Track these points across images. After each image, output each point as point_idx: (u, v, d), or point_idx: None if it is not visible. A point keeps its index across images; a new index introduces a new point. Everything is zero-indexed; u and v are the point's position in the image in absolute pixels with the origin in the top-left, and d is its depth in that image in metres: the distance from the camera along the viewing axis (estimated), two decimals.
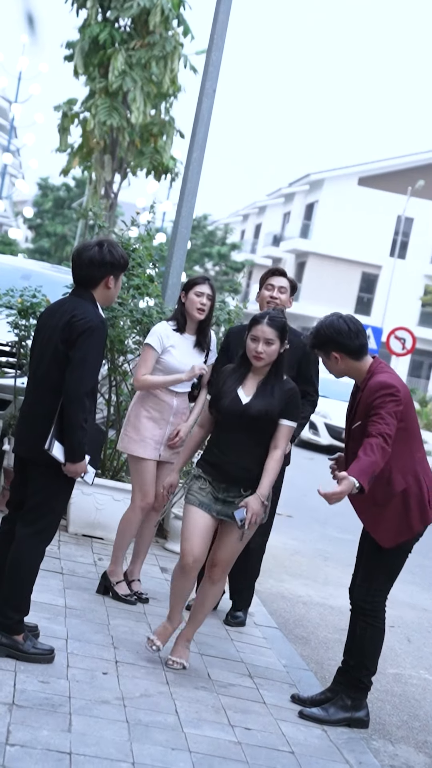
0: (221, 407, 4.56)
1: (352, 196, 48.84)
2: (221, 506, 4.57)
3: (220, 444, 4.59)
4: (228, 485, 4.56)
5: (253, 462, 4.54)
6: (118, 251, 4.38)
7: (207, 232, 52.93)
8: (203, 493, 4.57)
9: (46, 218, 52.14)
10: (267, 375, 4.59)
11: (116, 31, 20.49)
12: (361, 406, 4.47)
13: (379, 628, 4.65)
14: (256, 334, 4.53)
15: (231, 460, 4.53)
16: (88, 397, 4.22)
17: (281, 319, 4.55)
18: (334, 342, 4.47)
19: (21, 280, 8.23)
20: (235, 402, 4.54)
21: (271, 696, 4.67)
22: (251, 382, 4.60)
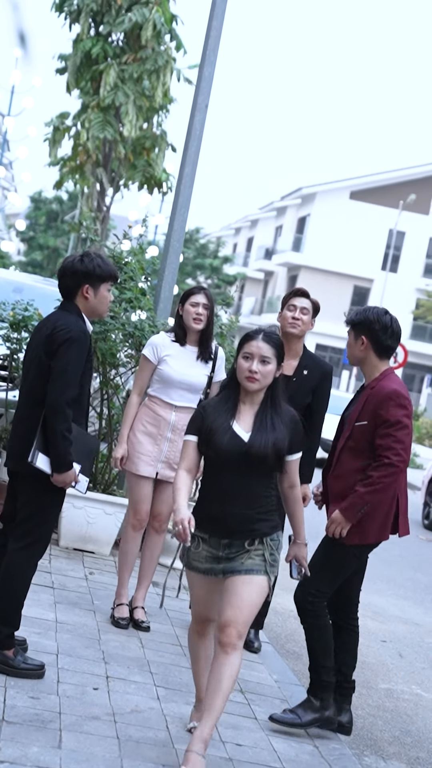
0: (218, 447, 3.83)
1: (344, 209, 49.01)
2: (225, 564, 3.87)
3: (217, 491, 3.86)
4: (231, 540, 3.86)
5: (256, 509, 3.87)
6: (96, 261, 4.36)
7: (199, 245, 53.01)
8: (201, 558, 3.89)
9: (39, 231, 52.17)
10: (263, 404, 3.91)
11: (109, 45, 20.55)
12: (369, 406, 4.52)
13: (324, 627, 4.63)
14: (249, 351, 3.87)
15: (232, 509, 3.83)
16: (70, 406, 4.22)
17: (277, 336, 3.97)
18: (372, 330, 4.57)
19: (13, 294, 8.22)
20: (235, 440, 3.83)
21: (262, 711, 4.65)
22: (245, 413, 3.90)
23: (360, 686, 5.76)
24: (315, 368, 5.43)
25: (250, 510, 3.85)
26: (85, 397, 4.41)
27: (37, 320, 6.80)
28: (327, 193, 49.59)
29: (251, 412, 3.91)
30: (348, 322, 4.65)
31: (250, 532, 3.85)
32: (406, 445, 4.47)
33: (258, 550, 3.85)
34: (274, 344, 3.91)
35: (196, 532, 3.87)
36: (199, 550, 3.89)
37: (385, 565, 10.20)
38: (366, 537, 4.58)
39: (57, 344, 4.24)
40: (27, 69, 18.68)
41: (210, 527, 3.87)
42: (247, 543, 3.86)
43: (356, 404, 4.65)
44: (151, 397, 5.44)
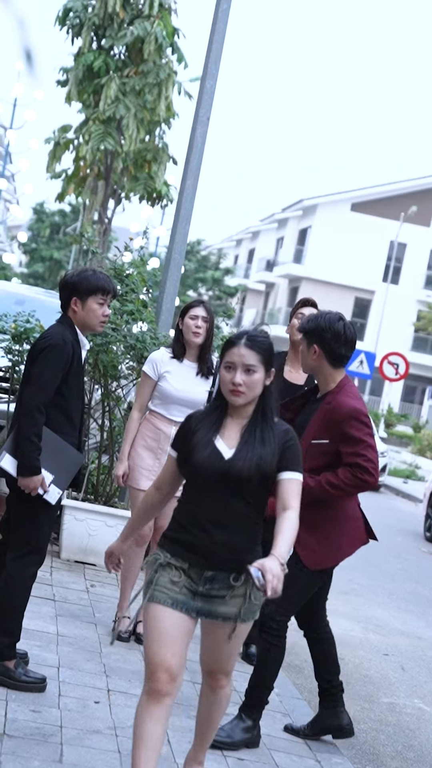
0: (195, 465, 3.30)
1: (345, 221, 49.09)
2: (203, 603, 3.31)
3: (196, 516, 3.31)
4: (214, 573, 3.30)
5: (244, 537, 3.33)
6: (84, 275, 4.41)
7: (200, 257, 53.11)
8: (176, 588, 3.30)
9: (41, 243, 52.29)
10: (252, 418, 3.36)
11: (110, 59, 20.64)
12: (330, 423, 4.32)
13: (282, 648, 4.51)
14: (231, 359, 3.32)
15: (215, 537, 3.28)
16: (41, 412, 4.26)
17: (265, 340, 3.37)
18: (322, 338, 4.36)
19: (15, 306, 8.24)
20: (214, 457, 3.29)
21: (263, 725, 4.62)
22: (232, 428, 3.36)
23: (362, 700, 5.74)
24: None
25: (235, 537, 3.30)
26: (73, 409, 4.41)
27: (39, 332, 6.81)
28: (328, 204, 49.68)
29: (239, 426, 3.37)
30: (300, 329, 4.47)
31: (236, 563, 3.29)
32: (375, 464, 4.32)
33: (242, 587, 3.33)
34: (259, 349, 3.32)
35: (173, 561, 3.31)
36: (178, 580, 3.30)
37: (387, 578, 10.17)
38: (336, 557, 4.48)
39: (37, 352, 4.36)
40: (32, 85, 18.78)
41: (189, 556, 3.30)
42: (233, 577, 3.31)
43: (313, 418, 4.39)
44: (152, 411, 5.46)
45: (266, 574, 3.13)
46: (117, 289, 4.51)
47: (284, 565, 3.20)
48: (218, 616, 3.34)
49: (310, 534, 4.32)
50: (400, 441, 34.27)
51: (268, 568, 3.12)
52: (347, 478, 4.29)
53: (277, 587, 3.12)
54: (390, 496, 20.03)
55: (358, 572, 9.91)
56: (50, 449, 4.31)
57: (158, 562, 3.32)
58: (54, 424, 4.34)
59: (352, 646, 6.95)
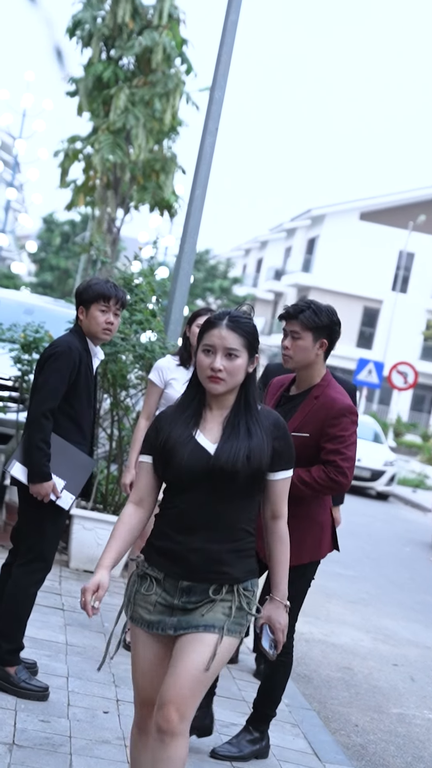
0: (178, 464, 2.93)
1: (353, 230, 49.11)
2: (180, 616, 2.93)
3: (177, 519, 2.95)
4: (192, 584, 2.94)
5: (228, 544, 2.94)
6: (88, 283, 4.48)
7: (209, 266, 53.17)
8: (150, 603, 2.96)
9: (50, 252, 52.45)
10: (234, 408, 2.99)
11: (120, 69, 20.73)
12: (316, 418, 4.10)
13: (291, 662, 4.38)
14: (210, 342, 2.94)
15: (195, 543, 2.92)
16: (48, 418, 4.30)
17: (248, 321, 2.99)
18: (332, 332, 4.13)
19: (24, 315, 8.27)
20: (197, 453, 2.93)
21: (273, 736, 4.61)
22: (213, 421, 2.99)
23: (372, 711, 5.73)
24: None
25: (218, 545, 2.92)
26: (83, 418, 4.43)
27: (48, 342, 6.83)
28: (336, 214, 49.71)
29: (220, 418, 2.99)
30: (310, 323, 4.09)
31: (217, 575, 2.92)
32: (353, 464, 4.13)
33: (225, 601, 2.93)
34: (243, 331, 2.94)
35: (148, 571, 2.99)
36: (150, 594, 2.96)
37: (396, 588, 10.15)
38: (300, 556, 4.13)
39: (44, 360, 4.41)
40: (61, 83, 19.02)
41: (166, 564, 2.95)
42: (212, 590, 2.93)
43: (297, 411, 4.15)
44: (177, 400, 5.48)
45: (276, 632, 3.06)
46: (124, 296, 4.50)
47: (287, 605, 3.08)
48: (198, 625, 2.90)
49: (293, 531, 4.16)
50: (408, 450, 34.22)
51: (277, 625, 3.07)
52: (320, 477, 4.09)
53: (284, 637, 3.08)
54: (399, 506, 19.99)
55: (367, 582, 9.89)
56: (60, 455, 4.33)
57: (136, 572, 3.03)
58: (63, 432, 4.36)
59: (362, 656, 6.93)
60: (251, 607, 2.97)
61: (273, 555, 3.07)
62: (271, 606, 3.08)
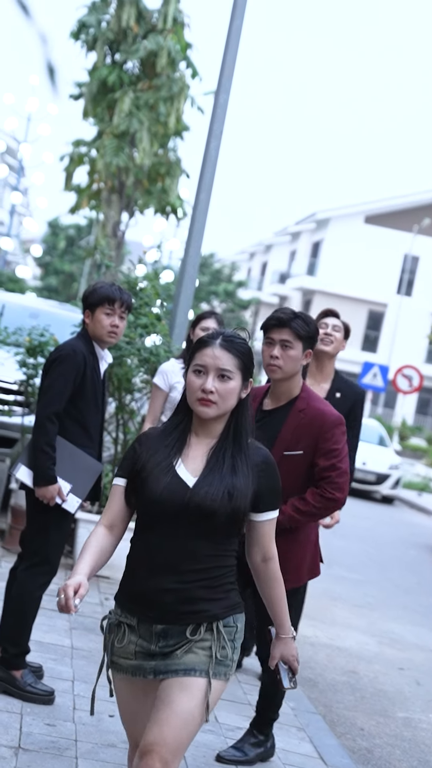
0: (150, 495, 2.70)
1: (358, 234, 49.12)
2: (157, 661, 2.72)
3: (147, 557, 2.72)
4: (166, 627, 2.71)
5: (202, 582, 2.71)
6: (93, 287, 4.50)
7: (214, 270, 53.20)
8: (128, 655, 2.74)
9: (55, 256, 52.54)
10: (221, 437, 2.77)
11: (124, 73, 20.77)
12: (306, 432, 3.92)
13: None
14: (202, 362, 2.73)
15: (166, 584, 2.69)
16: (53, 422, 4.32)
17: (243, 343, 2.79)
18: (315, 343, 3.98)
19: (29, 319, 8.28)
20: (175, 486, 2.70)
21: (279, 740, 4.61)
22: (196, 450, 2.76)
23: (378, 715, 5.72)
24: (348, 391, 5.37)
25: (192, 584, 2.69)
26: (90, 421, 4.44)
27: (53, 345, 6.84)
28: (341, 217, 49.72)
29: (205, 447, 2.77)
30: (302, 334, 3.92)
31: (193, 614, 2.70)
32: (348, 476, 4.01)
33: (205, 641, 2.71)
34: (237, 352, 2.75)
35: (122, 618, 2.77)
36: (124, 645, 2.75)
37: (401, 591, 10.13)
38: (300, 579, 4.18)
39: (48, 363, 4.43)
40: (52, 100, 19.05)
41: (137, 609, 2.73)
42: (189, 631, 2.70)
43: (284, 428, 3.94)
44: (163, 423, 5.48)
45: (292, 665, 3.03)
46: (129, 299, 4.50)
47: (295, 635, 3.04)
48: (178, 669, 2.69)
49: (288, 553, 3.94)
50: (414, 454, 34.19)
51: (292, 660, 3.03)
52: (317, 501, 3.95)
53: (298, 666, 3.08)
54: (404, 510, 19.97)
55: (373, 586, 9.88)
56: (67, 458, 4.34)
57: (109, 622, 2.79)
58: (70, 435, 4.37)
59: (367, 660, 6.92)
60: (236, 643, 2.74)
61: (270, 597, 2.90)
62: (280, 644, 3.01)
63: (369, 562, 11.30)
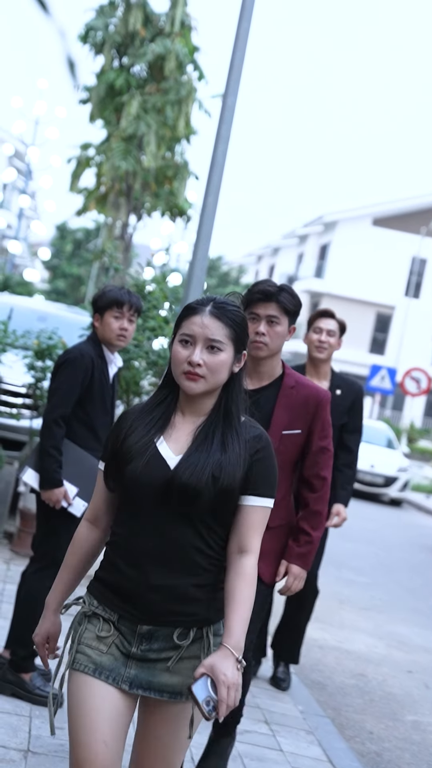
0: (129, 477, 2.41)
1: (366, 236, 49.09)
2: (138, 669, 2.40)
3: (130, 549, 2.42)
4: (152, 628, 2.41)
5: (194, 577, 2.41)
6: (102, 291, 4.51)
7: (221, 272, 53.28)
8: (101, 647, 2.42)
9: (63, 258, 52.64)
10: (211, 415, 2.47)
11: (132, 77, 20.81)
12: (303, 409, 3.67)
13: (233, 737, 3.94)
14: (190, 331, 2.42)
15: (153, 579, 2.39)
16: (60, 425, 4.33)
17: (236, 310, 2.47)
18: (297, 316, 3.66)
19: (37, 322, 8.29)
20: (155, 465, 2.40)
21: (287, 743, 4.60)
22: (182, 429, 2.47)
23: (386, 718, 5.71)
24: (347, 388, 5.38)
25: (181, 579, 2.39)
26: (98, 425, 4.45)
27: (61, 348, 6.86)
28: (349, 220, 49.70)
29: (192, 426, 2.47)
30: (289, 309, 3.63)
31: (182, 616, 2.40)
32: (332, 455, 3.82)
33: (193, 653, 2.41)
34: (229, 320, 2.44)
35: (100, 611, 2.44)
36: (107, 635, 2.42)
37: (409, 594, 10.11)
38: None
39: (56, 367, 4.45)
40: (73, 91, 19.19)
41: (119, 604, 2.42)
42: (177, 635, 2.40)
43: (277, 407, 3.66)
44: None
45: (219, 688, 2.23)
46: (138, 302, 4.50)
47: (242, 661, 2.30)
48: (163, 690, 2.39)
49: (281, 547, 3.76)
50: (422, 456, 34.13)
51: (221, 678, 2.24)
52: (320, 505, 3.73)
53: (234, 703, 2.24)
54: (412, 512, 19.93)
55: (380, 588, 9.86)
56: (74, 462, 4.35)
57: (82, 610, 2.48)
58: (78, 438, 4.38)
59: (376, 663, 6.91)
60: (242, 661, 2.34)
61: (231, 593, 2.36)
62: (218, 655, 2.28)
63: (377, 564, 11.28)
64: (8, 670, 4.31)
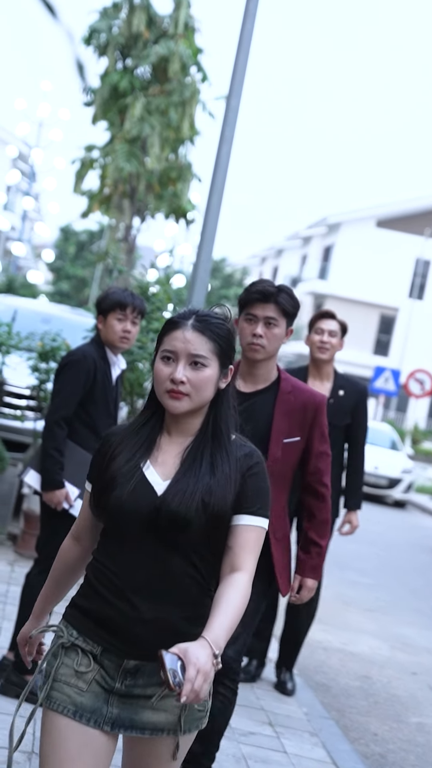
0: (115, 504, 2.27)
1: (369, 238, 49.10)
2: (121, 708, 2.26)
3: (117, 579, 2.26)
4: (139, 663, 2.25)
5: (186, 610, 2.26)
6: (105, 293, 4.53)
7: (225, 274, 53.29)
8: (81, 684, 2.25)
9: (66, 260, 52.69)
10: (199, 435, 2.33)
11: (135, 78, 20.84)
12: (300, 416, 3.53)
13: (235, 698, 3.62)
14: (172, 347, 2.30)
15: (143, 612, 2.23)
16: (60, 426, 4.34)
17: (221, 323, 2.35)
18: (294, 318, 3.55)
19: (41, 324, 8.30)
20: (142, 492, 2.26)
21: (292, 745, 4.60)
22: (169, 450, 2.33)
23: (391, 720, 5.70)
24: (350, 388, 5.37)
25: (172, 613, 2.24)
26: (101, 427, 4.46)
27: (65, 350, 6.86)
28: (353, 221, 49.71)
29: (179, 447, 2.33)
30: (288, 311, 3.50)
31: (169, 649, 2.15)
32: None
33: None
34: (213, 334, 2.31)
35: (79, 642, 2.28)
36: (86, 671, 2.25)
37: (414, 596, 10.11)
38: None
39: (59, 369, 4.46)
40: (77, 92, 19.37)
41: (104, 636, 2.26)
42: None
43: (276, 413, 3.51)
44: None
45: (188, 667, 2.03)
46: (141, 304, 4.51)
47: (218, 658, 2.10)
48: (145, 728, 2.25)
49: (286, 557, 3.64)
50: (426, 458, 34.10)
51: (193, 660, 2.04)
52: (324, 514, 3.64)
53: (201, 691, 2.03)
54: (416, 514, 19.91)
55: (385, 590, 9.85)
56: (75, 463, 4.35)
57: (60, 641, 2.30)
58: (81, 440, 4.38)
59: (380, 665, 6.91)
60: (218, 657, 2.11)
61: (220, 598, 2.19)
62: (195, 643, 2.09)
63: (381, 566, 11.27)
64: (12, 672, 4.32)
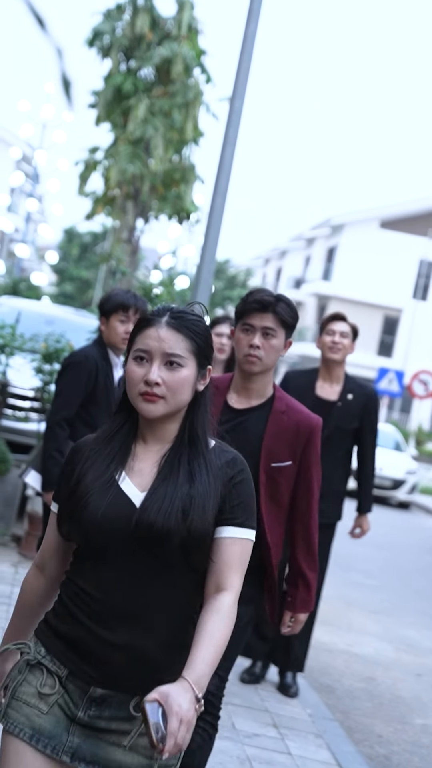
0: (89, 520, 2.06)
1: (373, 239, 49.07)
2: (81, 738, 2.05)
3: (88, 599, 2.07)
4: (107, 692, 2.05)
5: (162, 636, 2.06)
6: (109, 294, 4.53)
7: (229, 275, 53.28)
8: (41, 706, 2.05)
9: (70, 262, 52.73)
10: (176, 442, 2.15)
11: (139, 80, 20.86)
12: (294, 439, 3.27)
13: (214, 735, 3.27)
14: (145, 346, 2.11)
15: (117, 637, 2.03)
16: (61, 427, 4.36)
17: (197, 320, 2.17)
18: (293, 329, 3.32)
19: (45, 325, 8.31)
20: (118, 505, 2.07)
21: (296, 746, 4.59)
22: (145, 458, 2.14)
23: (395, 721, 5.69)
24: (359, 391, 5.36)
25: (148, 640, 2.04)
26: (101, 424, 4.46)
27: (69, 352, 6.86)
28: (356, 223, 49.70)
29: (156, 455, 2.14)
30: (287, 321, 3.28)
31: (144, 682, 1.99)
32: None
33: None
34: (190, 332, 2.13)
35: (45, 661, 2.08)
36: (50, 693, 2.05)
37: (418, 597, 10.09)
38: None
39: (60, 369, 4.49)
40: (68, 111, 19.29)
41: (74, 660, 2.06)
42: (134, 705, 2.04)
43: (266, 434, 3.25)
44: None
45: (170, 719, 1.83)
46: (144, 306, 4.51)
47: (201, 701, 1.90)
48: (110, 765, 2.04)
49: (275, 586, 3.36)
50: (430, 459, 34.07)
51: (175, 709, 1.84)
52: (315, 542, 3.40)
53: (183, 741, 1.84)
54: (420, 515, 19.90)
55: (389, 591, 9.84)
56: None
57: (25, 657, 2.11)
58: None
59: (385, 666, 6.90)
60: (192, 722, 1.88)
61: (202, 628, 1.99)
62: (176, 686, 1.88)
63: (385, 567, 11.26)
64: None
